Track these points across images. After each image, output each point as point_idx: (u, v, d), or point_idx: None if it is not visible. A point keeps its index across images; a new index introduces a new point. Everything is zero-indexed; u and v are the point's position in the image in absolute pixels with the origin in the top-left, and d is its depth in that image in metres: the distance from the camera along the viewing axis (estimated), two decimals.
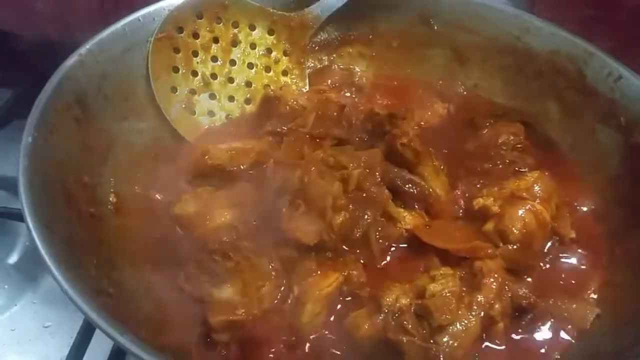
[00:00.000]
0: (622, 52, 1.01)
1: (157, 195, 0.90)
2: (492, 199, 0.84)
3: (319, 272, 0.78)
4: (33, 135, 0.76)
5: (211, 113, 1.05)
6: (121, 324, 0.63)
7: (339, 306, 0.78)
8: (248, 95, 1.08)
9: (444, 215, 0.88)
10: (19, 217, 0.71)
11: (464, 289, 0.75)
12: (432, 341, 0.70)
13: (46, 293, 0.96)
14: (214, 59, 1.05)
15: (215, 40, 1.04)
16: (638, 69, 0.96)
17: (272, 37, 1.09)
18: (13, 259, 1.01)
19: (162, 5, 0.98)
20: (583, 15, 1.21)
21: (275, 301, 0.76)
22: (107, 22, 0.95)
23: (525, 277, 0.81)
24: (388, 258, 0.83)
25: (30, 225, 0.67)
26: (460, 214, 0.88)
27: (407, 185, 0.88)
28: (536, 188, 0.84)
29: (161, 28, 0.98)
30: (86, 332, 0.85)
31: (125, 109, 0.95)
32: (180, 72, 1.01)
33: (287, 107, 0.99)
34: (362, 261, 0.81)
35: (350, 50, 1.16)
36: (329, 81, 1.13)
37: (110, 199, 0.86)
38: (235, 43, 1.06)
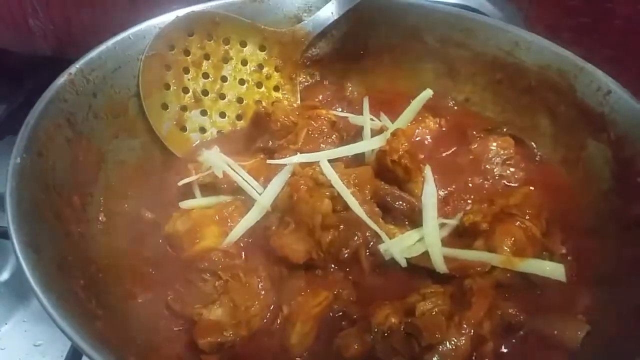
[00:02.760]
0: (617, 61, 1.01)
1: (148, 214, 0.90)
2: (481, 215, 0.83)
3: (308, 291, 0.78)
4: (21, 156, 0.76)
5: (202, 129, 1.06)
6: (108, 348, 0.63)
7: (328, 325, 0.77)
8: (239, 111, 1.09)
9: None
10: (7, 235, 0.71)
11: (454, 307, 0.74)
12: None
13: (37, 312, 0.95)
14: (205, 75, 1.05)
15: (207, 57, 1.05)
16: (633, 77, 0.97)
17: (263, 53, 1.09)
18: (4, 277, 1.01)
19: (152, 23, 0.99)
20: (577, 24, 1.22)
21: (264, 321, 0.76)
22: (101, 39, 0.96)
23: (516, 294, 0.80)
24: (378, 276, 0.83)
25: (16, 247, 0.67)
26: (451, 231, 0.87)
27: (397, 202, 0.88)
28: (526, 204, 0.84)
29: (152, 46, 0.98)
30: (76, 352, 0.84)
31: (116, 127, 0.95)
32: (171, 89, 1.02)
33: (279, 123, 0.99)
34: (351, 279, 0.81)
35: (342, 65, 1.17)
36: (321, 96, 1.14)
37: (100, 218, 0.87)
38: (226, 59, 1.07)
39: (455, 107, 1.13)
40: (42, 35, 1.24)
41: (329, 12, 1.10)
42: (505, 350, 0.76)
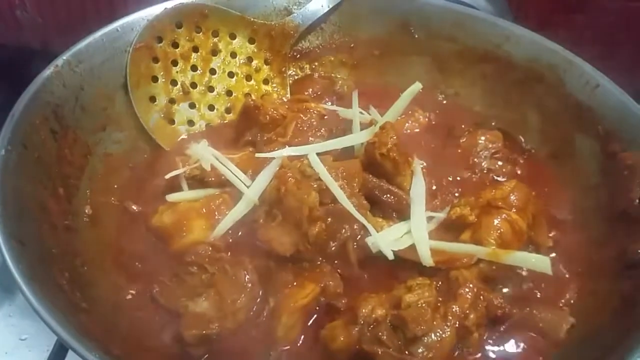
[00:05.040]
0: (606, 57, 1.01)
1: (134, 207, 0.89)
2: (468, 208, 0.84)
3: (295, 283, 0.78)
4: (6, 149, 0.75)
5: (191, 122, 1.05)
6: (93, 341, 0.63)
7: (315, 317, 0.78)
8: (228, 104, 1.08)
9: None
10: None
11: (440, 299, 0.75)
12: (407, 352, 0.70)
13: (23, 305, 0.94)
14: (194, 68, 1.05)
15: (195, 49, 1.04)
16: (623, 73, 0.97)
17: (252, 45, 1.09)
18: None
19: (141, 15, 0.98)
20: (568, 20, 1.22)
21: (251, 314, 0.76)
22: (87, 32, 0.95)
23: (502, 286, 0.81)
24: (365, 268, 0.83)
25: (0, 239, 0.66)
26: (438, 224, 0.87)
27: (385, 196, 0.88)
28: (512, 197, 0.84)
29: (140, 38, 0.98)
30: (62, 345, 0.84)
31: (103, 119, 0.95)
32: (159, 81, 1.01)
33: (267, 116, 0.99)
34: (339, 272, 0.81)
35: (332, 58, 1.17)
36: (310, 90, 1.13)
37: (86, 210, 0.86)
38: (215, 52, 1.06)
39: (445, 102, 1.13)
40: (30, 28, 1.23)
41: (318, 5, 1.10)
42: (490, 342, 0.76)
